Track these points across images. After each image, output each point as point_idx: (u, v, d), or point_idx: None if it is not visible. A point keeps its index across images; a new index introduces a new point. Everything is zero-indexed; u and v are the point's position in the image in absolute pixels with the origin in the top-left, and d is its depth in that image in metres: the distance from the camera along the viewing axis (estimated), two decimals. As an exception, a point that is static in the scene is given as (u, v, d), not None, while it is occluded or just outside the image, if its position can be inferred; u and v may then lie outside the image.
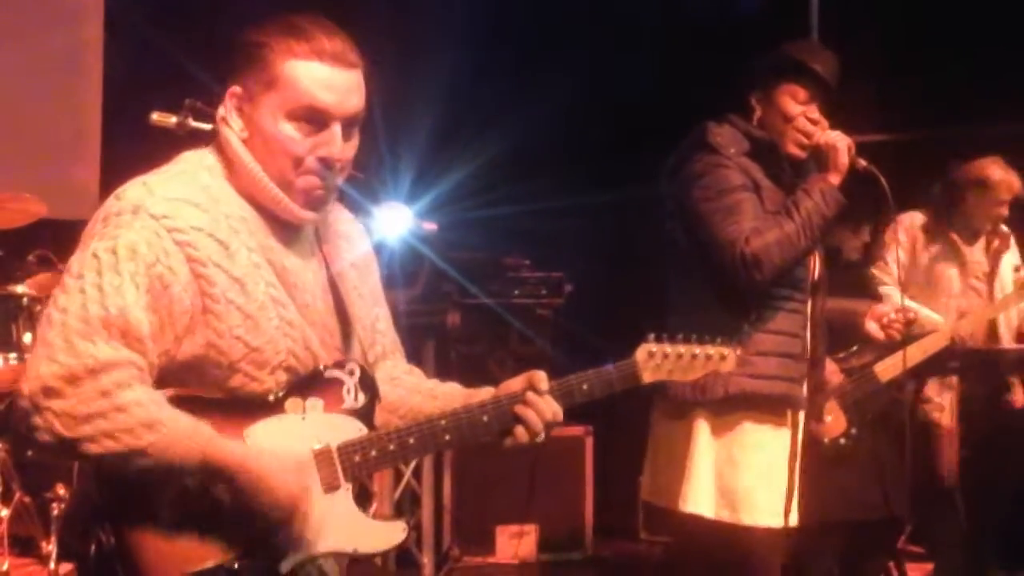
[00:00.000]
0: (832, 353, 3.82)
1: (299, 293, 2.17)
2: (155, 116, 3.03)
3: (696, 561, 3.37)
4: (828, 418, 3.82)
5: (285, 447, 2.10)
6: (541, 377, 2.25)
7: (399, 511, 5.13)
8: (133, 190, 2.08)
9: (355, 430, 2.18)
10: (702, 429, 3.23)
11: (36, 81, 5.50)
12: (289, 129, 2.11)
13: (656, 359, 2.38)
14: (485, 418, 2.23)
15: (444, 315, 5.39)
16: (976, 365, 4.72)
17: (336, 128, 2.12)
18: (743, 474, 3.22)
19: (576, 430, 5.48)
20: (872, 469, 4.02)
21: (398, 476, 5.25)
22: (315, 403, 2.15)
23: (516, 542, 5.38)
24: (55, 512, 4.41)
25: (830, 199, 3.16)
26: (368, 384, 2.20)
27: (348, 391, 2.18)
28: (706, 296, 3.20)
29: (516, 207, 5.60)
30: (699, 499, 3.22)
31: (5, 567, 4.46)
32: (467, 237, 5.39)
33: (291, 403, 2.13)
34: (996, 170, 4.69)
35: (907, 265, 4.66)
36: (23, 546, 4.68)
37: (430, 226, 5.04)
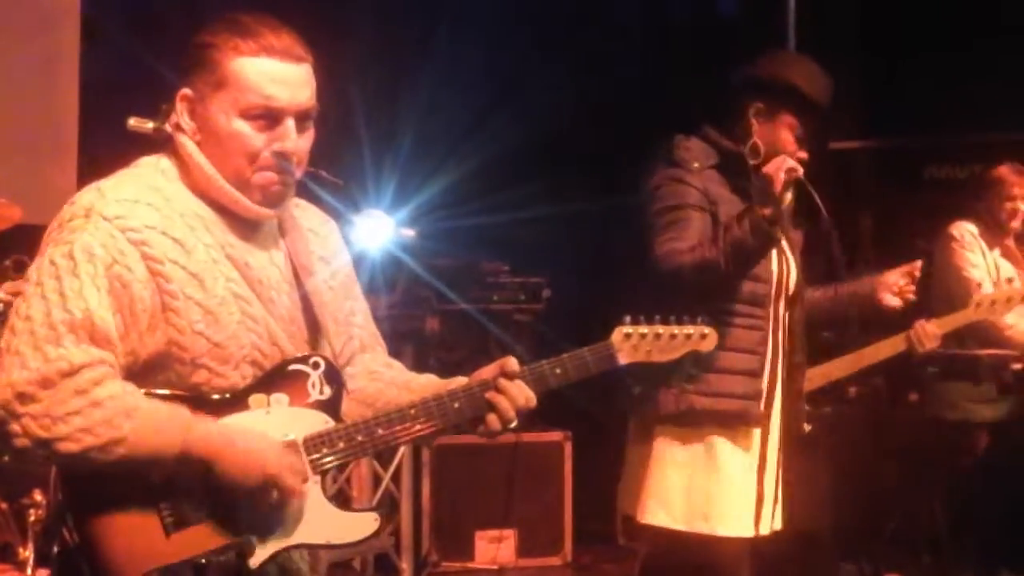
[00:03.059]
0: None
1: (263, 288, 2.17)
2: (132, 121, 3.02)
3: (668, 569, 3.40)
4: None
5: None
6: (512, 362, 2.23)
7: (377, 516, 5.13)
8: (86, 195, 2.09)
9: (321, 423, 2.17)
10: (659, 444, 3.27)
11: (12, 85, 5.47)
12: (242, 126, 2.11)
13: (633, 340, 2.35)
14: (456, 405, 2.22)
15: (423, 321, 5.39)
16: (954, 370, 4.78)
17: (289, 123, 2.12)
18: (702, 486, 3.24)
19: (555, 435, 5.48)
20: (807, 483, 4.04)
21: (376, 481, 5.24)
22: (280, 398, 2.15)
23: (495, 547, 5.37)
24: (32, 518, 4.38)
25: (757, 231, 3.10)
26: (333, 377, 2.19)
27: (313, 384, 2.17)
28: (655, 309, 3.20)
29: (495, 214, 5.60)
30: (656, 511, 3.27)
31: (-19, 572, 4.45)
32: (446, 244, 5.39)
33: (255, 399, 2.13)
34: (1004, 169, 4.92)
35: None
36: (-1, 552, 4.66)
37: (407, 232, 5.04)
